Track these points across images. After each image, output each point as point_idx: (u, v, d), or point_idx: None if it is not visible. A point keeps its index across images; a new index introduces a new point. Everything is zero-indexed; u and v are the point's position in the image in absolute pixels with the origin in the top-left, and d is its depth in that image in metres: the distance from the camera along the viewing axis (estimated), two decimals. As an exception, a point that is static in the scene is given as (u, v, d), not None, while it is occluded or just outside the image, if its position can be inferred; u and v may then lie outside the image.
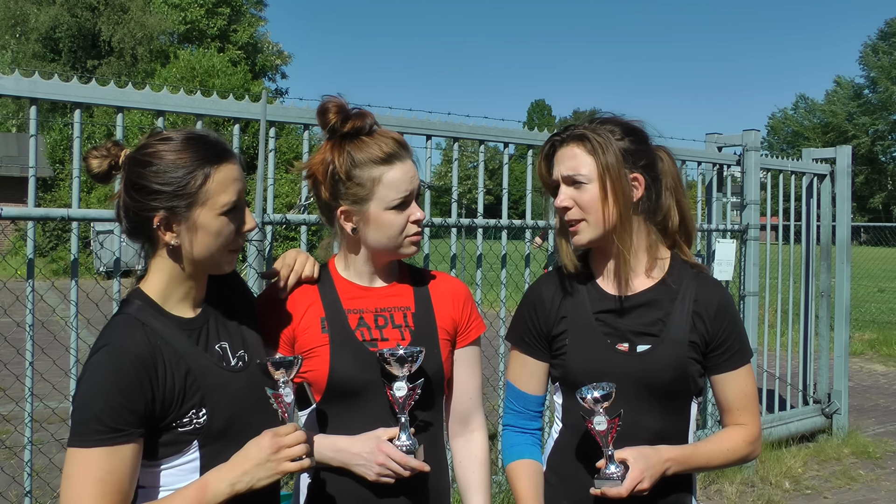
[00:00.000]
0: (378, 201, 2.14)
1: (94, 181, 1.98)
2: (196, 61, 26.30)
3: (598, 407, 2.02)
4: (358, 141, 2.15)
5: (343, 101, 2.17)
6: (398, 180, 2.14)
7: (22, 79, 3.52)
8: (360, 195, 2.14)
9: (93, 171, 1.94)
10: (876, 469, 6.72)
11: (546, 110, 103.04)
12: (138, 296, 1.94)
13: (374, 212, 2.15)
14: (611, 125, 2.20)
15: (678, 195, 2.31)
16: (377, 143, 2.15)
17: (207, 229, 1.89)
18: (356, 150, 2.14)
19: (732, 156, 6.79)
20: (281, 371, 1.91)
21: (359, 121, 2.14)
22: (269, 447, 1.84)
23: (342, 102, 2.17)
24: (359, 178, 2.13)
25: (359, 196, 2.14)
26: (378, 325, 2.22)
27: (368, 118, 2.17)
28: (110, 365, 1.79)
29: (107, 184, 2.01)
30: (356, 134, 2.15)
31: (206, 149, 1.89)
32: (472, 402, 2.36)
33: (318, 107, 2.18)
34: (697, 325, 2.19)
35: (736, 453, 2.23)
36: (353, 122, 2.14)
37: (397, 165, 2.14)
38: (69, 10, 37.35)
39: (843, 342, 7.71)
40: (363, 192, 2.13)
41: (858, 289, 18.96)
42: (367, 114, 2.18)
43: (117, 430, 1.75)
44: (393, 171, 2.14)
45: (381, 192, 2.13)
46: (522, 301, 2.41)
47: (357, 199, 2.15)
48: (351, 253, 2.26)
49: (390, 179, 2.13)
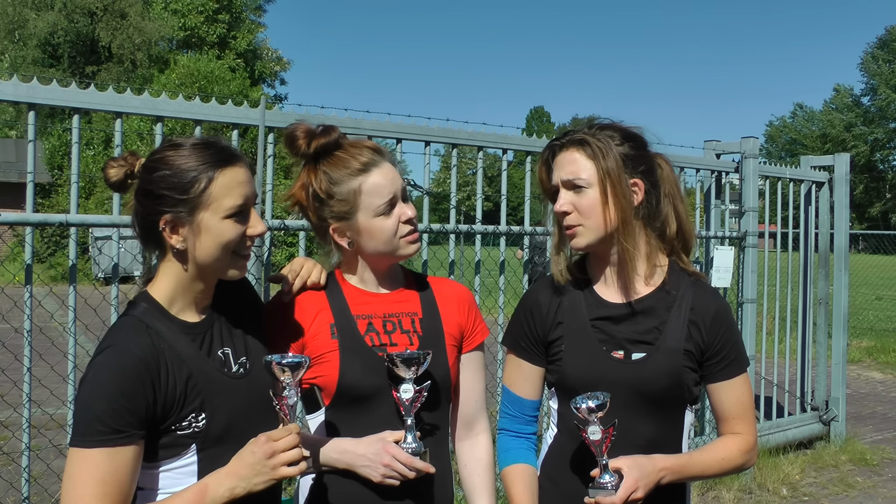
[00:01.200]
0: (365, 211, 2.15)
1: (112, 190, 2.02)
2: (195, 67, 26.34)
3: (593, 416, 2.02)
4: (331, 158, 2.16)
5: (307, 125, 2.19)
6: (379, 186, 2.15)
7: (20, 84, 3.52)
8: (345, 210, 2.15)
9: (110, 181, 1.97)
10: (873, 476, 6.71)
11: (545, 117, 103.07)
12: (145, 298, 1.95)
13: (363, 222, 2.15)
14: (610, 131, 2.20)
15: (676, 202, 2.31)
16: (350, 155, 2.16)
17: (212, 232, 1.90)
18: (331, 167, 2.15)
19: (731, 163, 6.80)
20: (287, 372, 1.90)
21: (323, 137, 2.16)
22: (263, 452, 1.84)
23: (307, 126, 2.18)
24: (340, 195, 2.14)
25: (344, 212, 2.15)
26: (387, 331, 2.22)
27: (334, 132, 2.18)
28: (114, 366, 1.80)
29: (123, 192, 2.04)
30: (327, 151, 2.17)
31: (212, 153, 1.91)
32: (476, 405, 2.38)
33: (285, 136, 2.19)
34: (693, 334, 2.19)
35: (731, 462, 2.23)
36: (318, 141, 2.15)
37: (374, 171, 2.15)
38: (67, 16, 37.41)
39: (841, 349, 7.71)
40: (347, 207, 2.15)
41: (856, 296, 18.95)
42: (333, 128, 2.19)
43: (119, 431, 1.76)
44: (372, 178, 2.15)
45: (365, 201, 2.14)
46: (519, 305, 2.41)
47: (344, 215, 2.16)
48: (353, 264, 2.27)
49: (371, 187, 2.14)
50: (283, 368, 1.90)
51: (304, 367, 1.93)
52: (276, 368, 1.90)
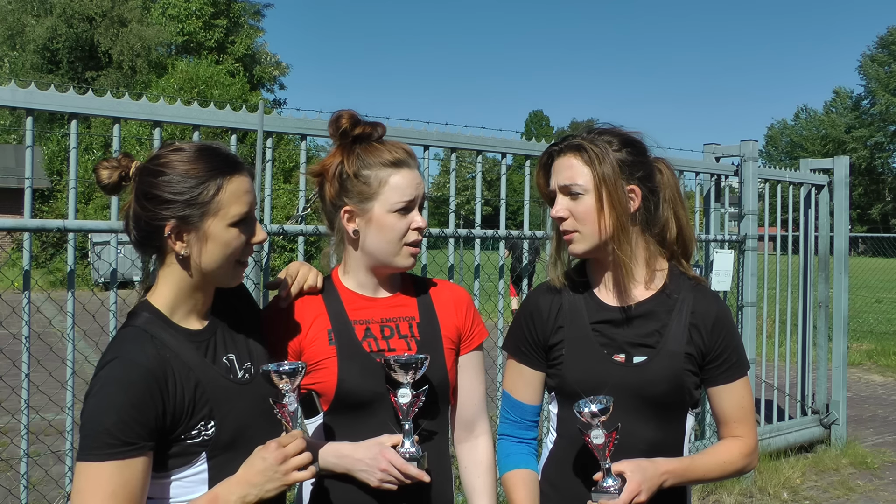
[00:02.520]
0: (382, 202, 2.18)
1: (104, 192, 2.00)
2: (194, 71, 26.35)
3: (596, 421, 2.01)
4: (368, 146, 2.21)
5: (356, 112, 2.25)
6: (404, 184, 2.19)
7: (18, 90, 3.51)
8: (367, 193, 2.18)
9: (102, 182, 1.95)
10: (874, 479, 6.70)
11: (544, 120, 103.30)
12: (146, 308, 1.94)
13: (377, 212, 2.18)
14: (609, 136, 2.20)
15: (677, 207, 2.31)
16: (387, 149, 2.21)
17: (217, 240, 1.90)
18: (366, 152, 2.20)
19: (730, 166, 6.80)
20: (284, 379, 1.91)
21: (370, 127, 2.22)
22: (275, 458, 1.84)
23: (355, 112, 2.24)
24: (366, 178, 2.18)
25: (365, 194, 2.18)
26: (384, 336, 2.23)
27: (380, 128, 2.25)
28: (120, 378, 1.79)
29: (116, 195, 2.02)
30: (366, 138, 2.21)
31: (219, 160, 1.91)
32: (476, 407, 2.38)
33: (332, 116, 2.25)
34: (694, 338, 2.19)
35: (732, 466, 2.23)
36: (364, 128, 2.21)
37: (405, 171, 2.20)
38: (66, 22, 37.43)
39: (842, 353, 7.70)
40: (369, 191, 2.18)
41: (856, 299, 18.94)
42: (379, 124, 2.26)
43: (129, 443, 1.74)
44: (399, 176, 2.19)
45: (387, 193, 2.17)
46: (520, 310, 2.41)
47: (363, 198, 2.18)
48: (353, 262, 2.27)
49: (396, 182, 2.18)
50: (281, 376, 1.91)
51: (301, 373, 1.93)
52: (273, 377, 1.91)
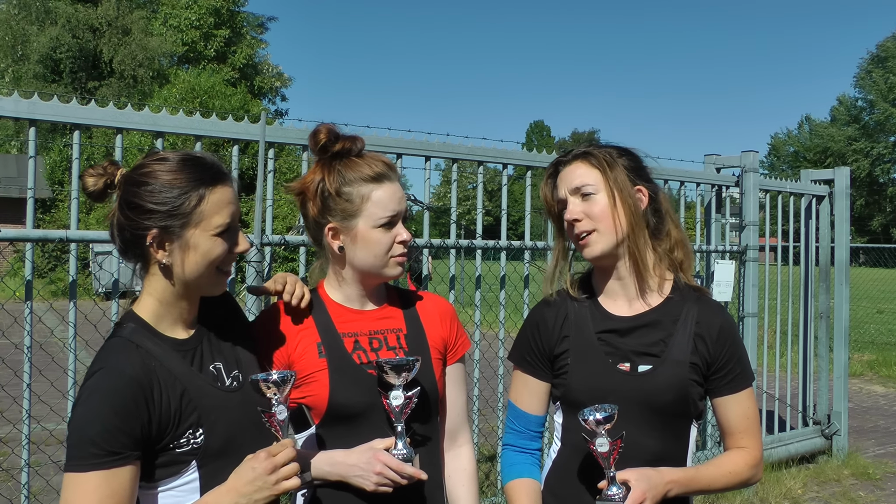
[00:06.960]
0: (366, 218, 2.18)
1: (90, 199, 2.00)
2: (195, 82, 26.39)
3: (601, 429, 2.02)
4: (348, 161, 2.21)
5: (335, 126, 2.24)
6: (387, 199, 2.19)
7: (21, 100, 3.53)
8: (350, 211, 2.18)
9: (88, 189, 1.96)
10: (876, 490, 6.69)
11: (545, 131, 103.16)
12: (132, 318, 1.94)
13: (361, 229, 2.19)
14: (610, 147, 2.29)
15: (674, 220, 2.37)
16: (367, 164, 2.21)
17: (199, 249, 1.91)
18: (346, 168, 2.20)
19: (731, 177, 6.81)
20: (273, 389, 1.91)
21: (349, 142, 2.21)
22: (264, 469, 1.83)
23: (333, 126, 2.24)
24: (348, 195, 2.18)
25: (348, 212, 2.18)
26: (373, 348, 2.24)
27: (359, 142, 2.24)
28: (106, 388, 1.79)
29: (102, 202, 2.02)
30: (346, 154, 2.21)
31: (202, 170, 1.92)
32: (459, 417, 2.42)
33: (311, 130, 2.25)
34: (699, 348, 2.21)
35: (738, 476, 2.23)
36: (344, 143, 2.20)
37: (386, 185, 2.20)
38: (70, 31, 37.51)
39: (843, 363, 7.70)
40: (352, 208, 2.18)
41: (857, 310, 18.94)
42: (358, 138, 2.25)
43: (114, 453, 1.74)
44: (382, 190, 2.19)
45: (370, 209, 2.18)
46: (526, 321, 2.44)
47: (346, 215, 2.19)
48: (339, 276, 2.29)
49: (379, 198, 2.18)
50: (269, 385, 1.91)
51: (290, 381, 1.94)
52: (262, 386, 1.91)
